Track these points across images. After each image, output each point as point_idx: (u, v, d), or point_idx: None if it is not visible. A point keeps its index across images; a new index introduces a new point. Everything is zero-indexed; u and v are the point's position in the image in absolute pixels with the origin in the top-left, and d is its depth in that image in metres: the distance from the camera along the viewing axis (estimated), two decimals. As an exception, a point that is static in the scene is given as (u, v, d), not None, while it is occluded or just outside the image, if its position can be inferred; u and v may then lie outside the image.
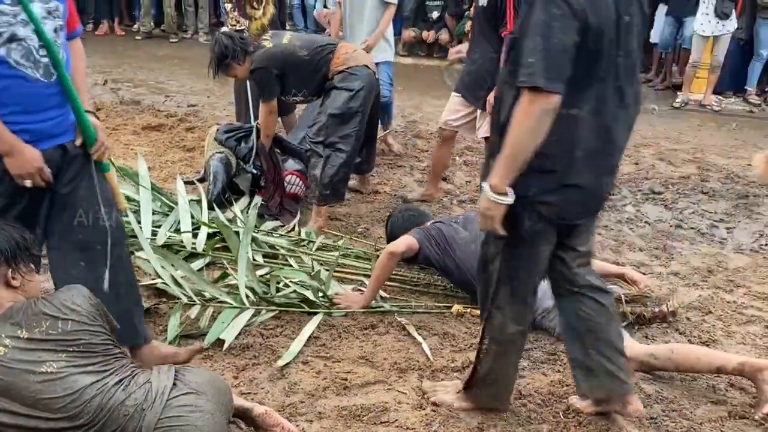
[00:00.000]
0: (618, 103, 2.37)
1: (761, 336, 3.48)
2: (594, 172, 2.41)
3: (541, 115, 2.20)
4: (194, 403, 2.21)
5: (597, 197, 2.53)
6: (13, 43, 2.38)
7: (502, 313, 2.59)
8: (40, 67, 2.46)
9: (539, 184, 2.36)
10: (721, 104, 8.84)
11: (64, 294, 2.31)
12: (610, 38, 2.25)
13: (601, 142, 2.38)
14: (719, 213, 5.21)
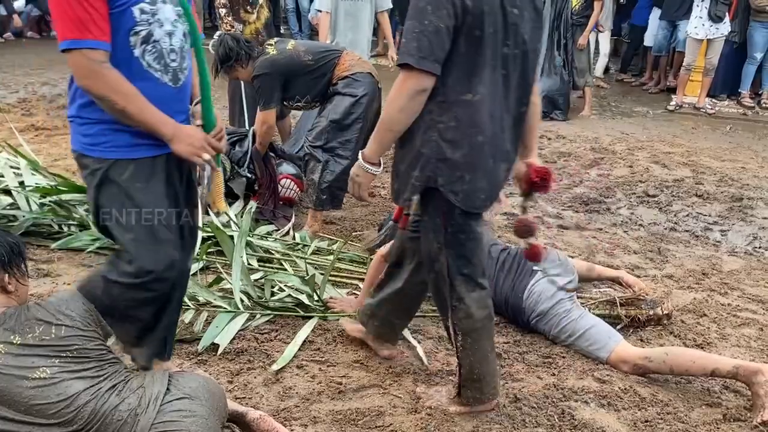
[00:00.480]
0: (504, 93, 2.46)
1: (755, 338, 3.49)
2: (494, 158, 2.49)
3: (412, 94, 2.32)
4: (188, 407, 2.20)
5: (497, 185, 2.58)
6: (148, 45, 2.34)
7: (464, 303, 2.63)
8: (168, 72, 2.42)
9: (447, 173, 2.44)
10: (715, 107, 8.88)
11: (57, 299, 2.30)
12: (495, 27, 2.34)
13: (497, 128, 2.47)
14: (713, 216, 5.22)
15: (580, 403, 2.90)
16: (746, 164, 6.63)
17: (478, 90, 2.37)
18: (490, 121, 2.43)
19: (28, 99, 7.68)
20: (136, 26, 2.29)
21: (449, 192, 2.45)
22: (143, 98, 2.29)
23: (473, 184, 2.46)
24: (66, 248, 4.01)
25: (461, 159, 2.41)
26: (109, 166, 2.40)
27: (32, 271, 3.71)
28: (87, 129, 2.40)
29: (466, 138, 2.40)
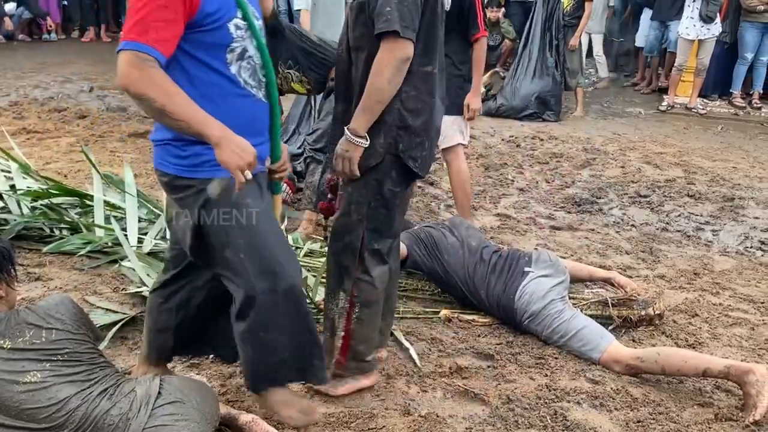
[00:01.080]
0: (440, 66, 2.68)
1: (747, 338, 3.50)
2: (437, 127, 2.74)
3: (399, 63, 2.44)
4: (179, 411, 2.20)
5: (434, 152, 2.82)
6: (243, 61, 2.23)
7: (369, 275, 2.75)
8: (261, 88, 2.31)
9: (407, 140, 2.60)
10: (707, 107, 8.91)
11: (47, 303, 2.30)
12: (443, 7, 2.61)
13: (441, 98, 2.67)
14: (705, 216, 5.24)
15: (572, 403, 2.91)
16: (737, 164, 6.65)
17: (435, 63, 2.60)
18: (440, 91, 2.67)
19: (20, 102, 7.65)
20: (232, 42, 2.19)
21: (409, 158, 2.62)
22: (186, 97, 2.08)
23: (430, 151, 2.70)
24: (57, 252, 3.99)
25: (421, 126, 2.62)
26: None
27: (23, 275, 3.69)
28: (182, 150, 2.23)
29: (425, 107, 2.61)
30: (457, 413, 2.82)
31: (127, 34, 2.06)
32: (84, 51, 10.97)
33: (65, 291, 3.57)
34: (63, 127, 6.79)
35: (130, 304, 3.52)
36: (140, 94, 2.05)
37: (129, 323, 3.31)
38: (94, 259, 3.95)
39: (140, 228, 4.12)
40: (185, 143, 2.22)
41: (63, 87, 8.55)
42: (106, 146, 6.23)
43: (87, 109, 7.44)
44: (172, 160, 2.26)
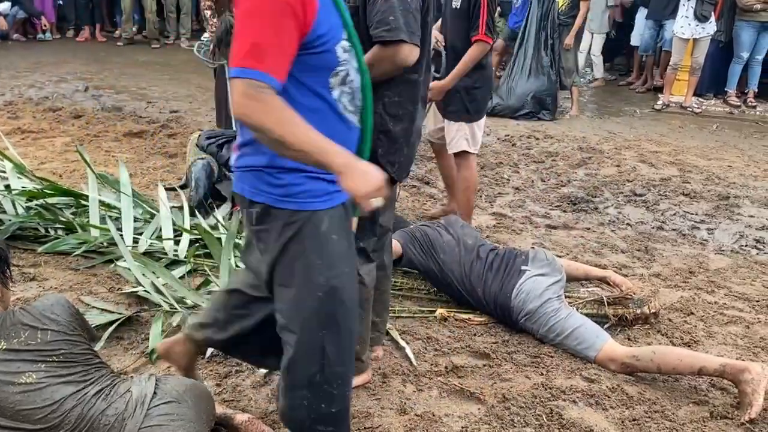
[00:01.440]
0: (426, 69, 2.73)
1: (742, 336, 3.51)
2: (417, 135, 2.77)
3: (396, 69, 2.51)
4: (175, 411, 2.20)
5: (412, 159, 2.83)
6: (345, 85, 2.07)
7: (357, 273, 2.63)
8: (357, 112, 2.15)
9: (386, 145, 2.63)
10: (702, 106, 8.93)
11: (42, 303, 2.29)
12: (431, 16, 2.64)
13: (421, 107, 2.75)
14: (700, 214, 5.25)
15: (568, 402, 2.91)
16: (733, 163, 6.67)
17: (422, 71, 2.64)
18: (420, 99, 2.70)
19: (15, 102, 7.63)
20: (338, 66, 2.03)
21: (387, 162, 2.64)
22: (305, 124, 1.89)
23: (408, 157, 2.74)
24: (52, 252, 3.98)
25: (401, 132, 2.65)
26: (308, 218, 2.06)
27: (18, 275, 3.68)
28: (276, 178, 2.04)
29: (406, 114, 2.64)
30: (452, 412, 2.83)
31: (242, 60, 1.85)
32: (79, 50, 10.94)
33: (60, 291, 3.56)
34: (58, 126, 6.78)
35: (125, 304, 3.52)
36: (258, 126, 1.87)
37: (125, 323, 3.31)
38: (90, 259, 3.94)
39: (135, 228, 4.12)
40: (280, 171, 2.03)
41: (58, 86, 8.53)
42: (101, 146, 6.21)
43: (82, 108, 7.43)
44: (266, 188, 2.06)
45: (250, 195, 2.09)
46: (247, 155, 2.08)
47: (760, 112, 8.88)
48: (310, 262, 2.06)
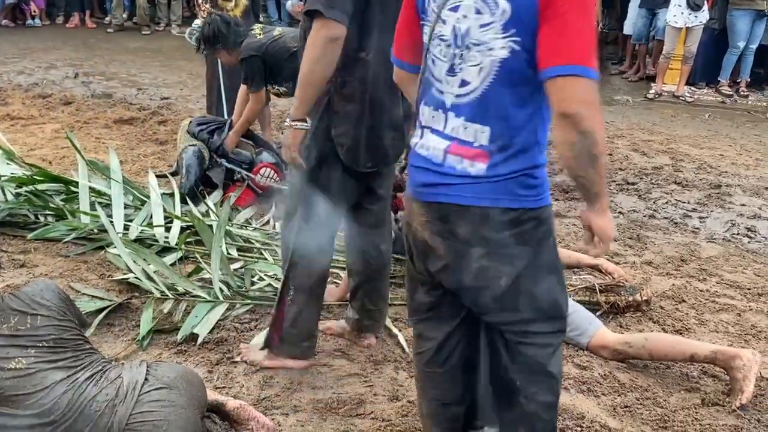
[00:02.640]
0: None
1: (733, 324, 3.52)
2: (379, 121, 2.62)
3: (325, 43, 2.37)
4: (166, 397, 2.19)
5: (381, 149, 2.70)
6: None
7: (306, 261, 2.76)
8: None
9: (339, 127, 2.58)
10: (694, 95, 8.93)
11: (32, 289, 2.27)
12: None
13: (385, 94, 2.58)
14: (692, 203, 5.26)
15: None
16: (725, 152, 6.67)
17: (371, 50, 2.51)
18: (379, 82, 2.54)
19: (4, 88, 7.57)
20: None
21: (338, 144, 2.60)
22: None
23: (356, 141, 2.62)
24: (42, 238, 3.96)
25: (349, 114, 2.57)
26: (550, 212, 1.98)
27: (8, 262, 3.66)
28: (534, 179, 1.91)
29: (356, 95, 2.55)
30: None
31: (590, 59, 1.72)
32: (69, 37, 10.85)
33: (50, 278, 3.54)
34: (47, 113, 6.72)
35: (116, 290, 3.50)
36: (590, 131, 1.73)
37: (115, 310, 3.29)
38: (80, 246, 3.91)
39: (126, 215, 4.10)
40: (537, 168, 1.92)
41: (47, 73, 8.46)
42: (91, 133, 6.17)
43: (72, 95, 7.37)
44: (523, 192, 1.90)
45: (507, 203, 1.89)
46: (501, 163, 1.88)
47: (752, 102, 8.88)
48: (555, 254, 2.00)
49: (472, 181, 1.89)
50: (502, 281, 1.92)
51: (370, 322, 3.12)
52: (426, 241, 1.98)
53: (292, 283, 2.83)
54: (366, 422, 2.67)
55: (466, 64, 1.87)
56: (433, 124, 1.97)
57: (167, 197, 4.33)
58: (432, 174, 1.94)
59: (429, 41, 1.94)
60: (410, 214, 2.03)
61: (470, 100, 1.89)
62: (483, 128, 1.88)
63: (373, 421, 2.68)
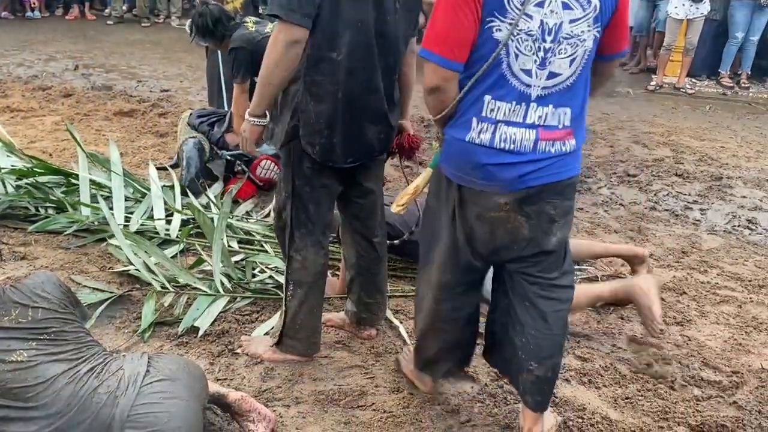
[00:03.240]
0: (370, 56, 2.54)
1: (734, 315, 3.52)
2: (356, 117, 2.60)
3: (284, 46, 2.40)
4: (168, 389, 2.19)
5: (364, 144, 2.69)
6: None
7: (300, 255, 2.78)
8: None
9: (308, 126, 2.57)
10: (695, 87, 8.91)
11: (33, 281, 2.27)
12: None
13: (362, 89, 2.57)
14: (693, 195, 5.25)
15: (561, 380, 2.91)
16: (725, 144, 6.66)
17: (342, 50, 2.48)
18: (353, 80, 2.54)
19: (3, 80, 7.55)
20: None
21: (307, 144, 2.60)
22: None
23: (330, 139, 2.60)
24: (43, 231, 3.95)
25: (321, 113, 2.56)
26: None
27: (9, 254, 3.66)
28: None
29: (328, 94, 2.53)
30: (446, 390, 2.83)
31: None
32: (68, 29, 10.82)
33: (51, 270, 3.54)
34: (47, 105, 6.71)
35: (117, 283, 3.50)
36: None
37: (116, 302, 3.30)
38: (81, 238, 3.91)
39: (126, 207, 4.09)
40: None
41: (47, 65, 8.44)
42: (91, 125, 6.16)
43: (72, 87, 7.35)
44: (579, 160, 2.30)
45: (577, 170, 2.27)
46: (579, 134, 2.23)
47: (754, 94, 8.87)
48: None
49: (564, 159, 2.19)
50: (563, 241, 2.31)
51: (368, 315, 3.12)
52: (505, 220, 2.22)
53: (291, 277, 2.84)
54: (367, 413, 2.68)
55: (557, 57, 2.09)
56: (510, 117, 2.13)
57: (168, 189, 4.33)
58: (524, 165, 2.15)
59: (508, 38, 2.05)
60: (480, 205, 2.23)
61: (560, 89, 2.13)
62: (565, 110, 2.17)
63: (374, 413, 2.68)
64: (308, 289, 2.84)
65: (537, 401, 2.41)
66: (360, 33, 2.49)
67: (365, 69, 2.54)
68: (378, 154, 2.79)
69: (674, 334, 3.32)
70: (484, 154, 2.15)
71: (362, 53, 2.52)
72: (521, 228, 2.23)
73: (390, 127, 2.73)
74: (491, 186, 2.18)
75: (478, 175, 2.18)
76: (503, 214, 2.21)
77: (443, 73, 2.14)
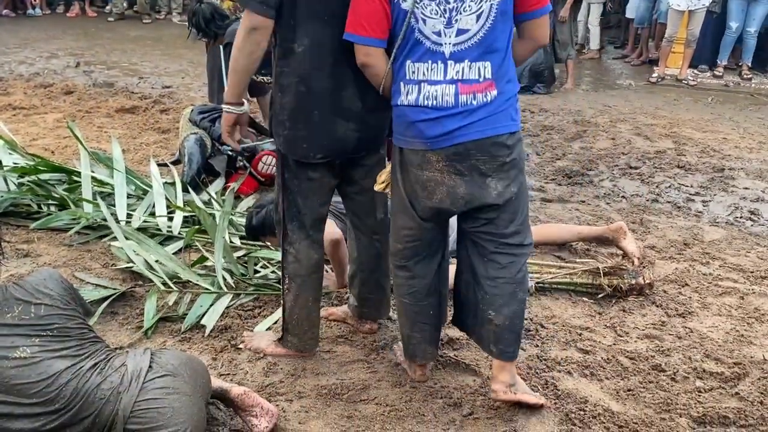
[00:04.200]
0: (340, 50, 2.47)
1: (737, 307, 3.52)
2: (322, 111, 2.56)
3: (245, 33, 2.43)
4: (171, 385, 2.20)
5: (333, 140, 2.63)
6: None
7: (293, 248, 2.80)
8: None
9: (275, 117, 2.62)
10: (697, 79, 8.89)
11: (35, 278, 2.28)
12: None
13: (328, 83, 2.53)
14: (695, 186, 5.25)
15: (563, 373, 2.92)
16: (728, 135, 6.65)
17: (304, 41, 2.48)
18: (319, 74, 2.51)
19: (5, 78, 7.56)
20: None
21: (275, 134, 2.65)
22: None
23: (294, 132, 2.60)
24: (45, 228, 3.97)
25: (286, 105, 2.57)
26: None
27: (11, 252, 3.67)
28: (517, 102, 2.48)
29: (291, 86, 2.54)
30: (448, 384, 2.83)
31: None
32: (69, 26, 10.83)
33: (54, 267, 3.55)
34: (49, 103, 6.72)
35: (120, 279, 3.51)
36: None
37: (119, 299, 3.31)
38: (83, 235, 3.92)
39: (128, 204, 4.10)
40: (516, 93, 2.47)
41: (49, 63, 8.45)
42: (93, 122, 6.17)
43: (73, 84, 7.36)
44: (515, 116, 2.44)
45: (511, 128, 2.42)
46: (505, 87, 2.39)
47: (756, 85, 8.84)
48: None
49: (486, 113, 2.34)
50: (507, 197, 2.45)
51: (368, 310, 3.12)
52: (440, 182, 2.41)
53: (286, 271, 2.84)
54: (370, 407, 2.69)
55: (462, 15, 2.29)
56: (430, 76, 2.35)
57: (169, 186, 4.33)
58: (447, 120, 2.34)
59: (413, 5, 2.29)
60: (417, 166, 2.43)
61: (471, 44, 2.31)
62: (485, 63, 2.33)
63: (376, 407, 2.69)
64: (302, 283, 2.84)
65: (500, 349, 2.61)
66: (327, 26, 2.45)
67: (334, 63, 2.51)
68: (355, 152, 2.71)
69: (676, 325, 3.32)
70: (411, 113, 2.39)
71: (329, 47, 2.48)
72: (457, 187, 2.42)
73: (367, 126, 2.65)
74: (422, 143, 2.39)
75: (410, 133, 2.41)
76: (437, 174, 2.41)
77: (364, 50, 2.39)
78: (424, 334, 2.77)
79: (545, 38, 2.46)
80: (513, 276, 2.55)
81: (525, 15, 2.37)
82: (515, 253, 2.54)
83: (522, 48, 2.48)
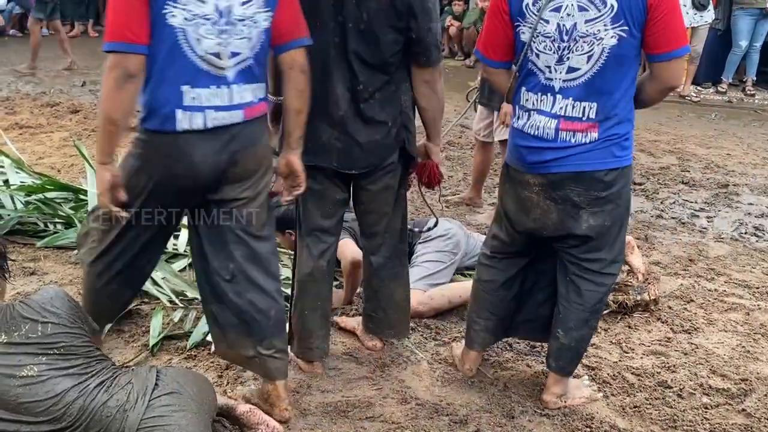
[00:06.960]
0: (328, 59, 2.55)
1: (742, 323, 3.51)
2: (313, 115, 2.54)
3: None
4: (177, 402, 2.20)
5: (320, 146, 2.65)
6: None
7: (297, 252, 2.88)
8: None
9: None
10: (700, 95, 8.92)
11: (42, 296, 2.28)
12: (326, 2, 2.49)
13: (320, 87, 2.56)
14: (699, 202, 5.25)
15: (569, 390, 2.91)
16: (731, 151, 6.66)
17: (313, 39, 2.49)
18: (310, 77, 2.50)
19: (12, 97, 7.62)
20: None
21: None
22: None
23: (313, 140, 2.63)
24: (52, 246, 3.98)
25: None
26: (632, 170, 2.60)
27: (18, 270, 3.68)
28: (626, 141, 2.48)
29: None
30: (454, 401, 2.83)
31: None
32: (75, 46, 10.90)
33: (61, 285, 3.55)
34: (56, 121, 6.77)
35: (125, 297, 3.51)
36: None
37: (125, 316, 3.30)
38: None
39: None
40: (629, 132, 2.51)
41: (55, 82, 8.51)
42: (99, 141, 6.19)
43: (80, 103, 7.42)
44: (619, 153, 2.47)
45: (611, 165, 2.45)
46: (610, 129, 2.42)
47: (759, 101, 8.87)
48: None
49: (584, 149, 2.42)
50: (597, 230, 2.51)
51: (373, 326, 3.12)
52: (536, 204, 2.53)
53: (297, 274, 2.90)
54: (375, 425, 2.68)
55: (574, 54, 2.36)
56: (539, 106, 2.47)
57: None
58: (546, 151, 2.45)
59: (531, 39, 2.40)
60: (518, 183, 2.57)
61: (579, 83, 2.38)
62: (591, 104, 2.39)
63: (382, 424, 2.68)
64: (299, 289, 2.88)
65: (559, 365, 2.73)
66: (315, 32, 2.46)
67: (321, 69, 2.54)
68: (342, 167, 2.70)
69: (682, 341, 3.32)
70: (518, 137, 2.54)
71: (316, 53, 2.50)
72: (550, 212, 2.51)
73: (354, 141, 2.65)
74: (522, 166, 2.53)
75: (515, 155, 2.57)
76: (534, 196, 2.52)
77: (488, 69, 2.65)
78: (488, 323, 2.87)
79: (674, 81, 2.47)
80: (590, 305, 2.63)
81: (654, 57, 2.38)
82: (596, 281, 2.60)
83: (651, 88, 2.48)
